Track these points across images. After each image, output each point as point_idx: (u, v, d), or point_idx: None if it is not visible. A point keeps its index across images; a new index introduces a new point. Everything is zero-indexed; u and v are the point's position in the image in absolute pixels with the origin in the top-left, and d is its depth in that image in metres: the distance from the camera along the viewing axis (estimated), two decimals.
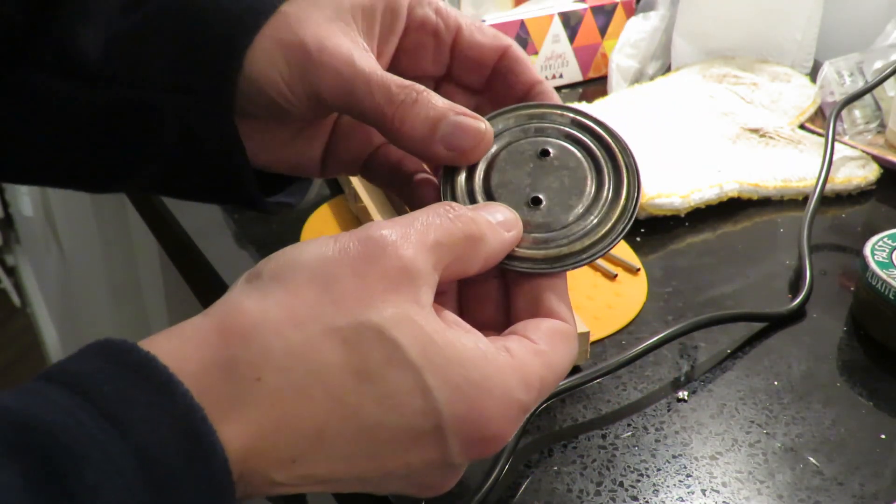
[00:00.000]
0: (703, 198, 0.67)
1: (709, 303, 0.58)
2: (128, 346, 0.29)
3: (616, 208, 0.39)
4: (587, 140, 0.40)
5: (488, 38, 0.42)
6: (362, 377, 0.31)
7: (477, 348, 0.33)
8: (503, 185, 0.39)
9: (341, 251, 0.33)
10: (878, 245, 0.56)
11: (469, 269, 0.36)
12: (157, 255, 0.94)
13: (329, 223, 0.65)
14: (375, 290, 0.32)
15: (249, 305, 0.31)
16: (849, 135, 0.78)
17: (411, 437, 0.32)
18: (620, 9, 0.91)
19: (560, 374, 0.36)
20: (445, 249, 0.34)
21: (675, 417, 0.49)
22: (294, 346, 0.31)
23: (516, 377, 0.33)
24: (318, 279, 0.32)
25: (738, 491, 0.44)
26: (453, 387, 0.32)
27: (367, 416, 0.31)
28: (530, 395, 0.34)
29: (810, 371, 0.52)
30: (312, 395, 0.31)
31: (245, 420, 0.30)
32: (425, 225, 0.34)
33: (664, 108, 0.80)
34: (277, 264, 0.33)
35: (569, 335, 0.37)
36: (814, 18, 0.88)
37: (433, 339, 0.32)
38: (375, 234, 0.33)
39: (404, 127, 0.38)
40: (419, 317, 0.32)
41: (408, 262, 0.33)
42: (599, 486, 0.44)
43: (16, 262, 2.64)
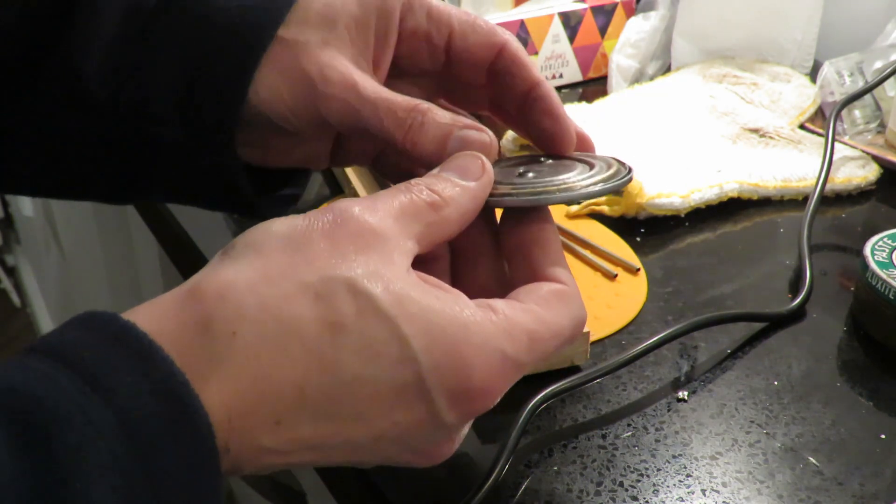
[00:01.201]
0: (703, 198, 0.67)
1: (709, 303, 0.58)
2: (108, 316, 0.30)
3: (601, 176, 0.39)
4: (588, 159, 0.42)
5: (482, 38, 0.42)
6: (337, 329, 0.31)
7: (455, 302, 0.33)
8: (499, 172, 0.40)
9: (312, 221, 0.33)
10: (878, 245, 0.56)
11: (446, 232, 0.36)
12: (157, 255, 0.94)
13: None
14: (347, 251, 0.32)
15: (222, 270, 0.32)
16: (849, 135, 0.78)
17: (394, 391, 0.32)
18: (620, 9, 0.91)
19: (557, 333, 0.35)
20: (411, 218, 0.34)
21: (675, 417, 0.49)
22: (268, 301, 0.31)
23: (497, 328, 0.33)
24: (290, 244, 0.32)
25: (738, 491, 0.44)
26: (429, 335, 0.32)
27: (345, 368, 0.31)
28: (516, 347, 0.33)
29: (810, 371, 0.52)
30: (289, 349, 0.31)
31: (224, 376, 0.30)
32: (388, 197, 0.35)
33: (664, 108, 0.80)
34: (250, 236, 0.33)
35: (566, 295, 0.36)
36: (814, 18, 0.88)
37: (407, 291, 0.32)
38: (343, 206, 0.34)
39: (416, 148, 0.39)
40: (391, 272, 0.32)
41: (376, 226, 0.33)
42: (599, 486, 0.44)
43: (16, 262, 2.64)
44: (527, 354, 0.34)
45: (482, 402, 0.33)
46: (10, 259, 2.67)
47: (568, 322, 0.36)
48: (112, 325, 0.30)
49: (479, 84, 0.44)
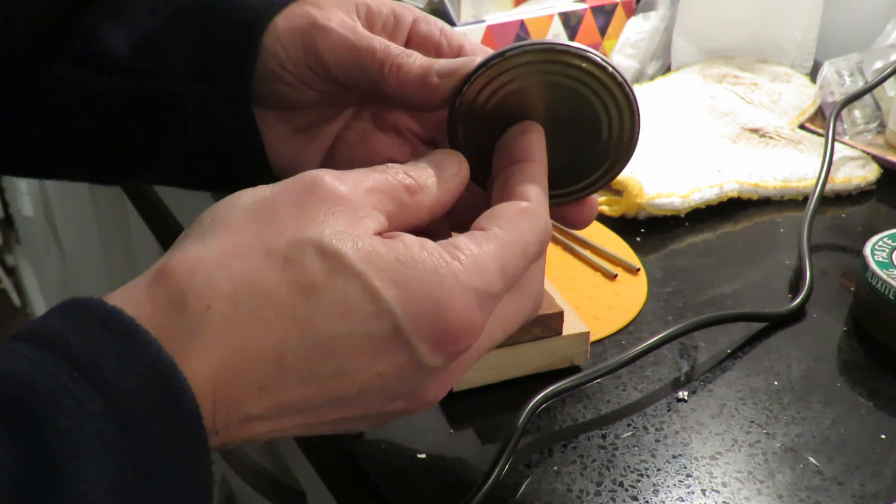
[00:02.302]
0: (703, 198, 0.67)
1: (709, 303, 0.58)
2: (94, 302, 0.30)
3: None
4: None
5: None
6: (309, 291, 0.31)
7: (423, 247, 0.33)
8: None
9: (279, 190, 0.34)
10: (878, 245, 0.56)
11: (417, 217, 0.36)
12: (157, 256, 0.94)
13: None
14: (315, 214, 0.33)
15: (189, 247, 0.32)
16: (849, 135, 0.78)
17: (372, 344, 0.32)
18: (620, 9, 0.91)
19: (524, 251, 0.35)
20: (383, 195, 0.35)
21: (675, 417, 0.49)
22: (238, 272, 0.31)
23: (466, 265, 0.33)
24: (255, 214, 0.33)
25: (738, 491, 0.44)
26: (401, 285, 0.32)
27: (321, 328, 0.31)
28: (487, 280, 0.34)
29: (810, 371, 0.52)
30: (264, 316, 0.31)
31: (203, 350, 0.30)
32: (362, 173, 0.35)
33: (664, 108, 0.80)
34: (217, 210, 0.34)
35: (528, 211, 0.36)
36: (814, 18, 0.88)
37: (374, 246, 0.32)
38: (314, 174, 0.34)
39: (401, 72, 0.40)
40: (358, 231, 0.33)
41: (346, 194, 0.33)
42: (599, 486, 0.44)
43: (16, 262, 2.64)
44: (500, 282, 0.34)
45: (464, 339, 0.33)
46: (10, 259, 2.67)
47: (533, 237, 0.36)
48: (97, 311, 0.30)
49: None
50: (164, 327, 0.30)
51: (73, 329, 0.29)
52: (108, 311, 0.30)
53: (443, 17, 0.82)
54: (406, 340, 0.32)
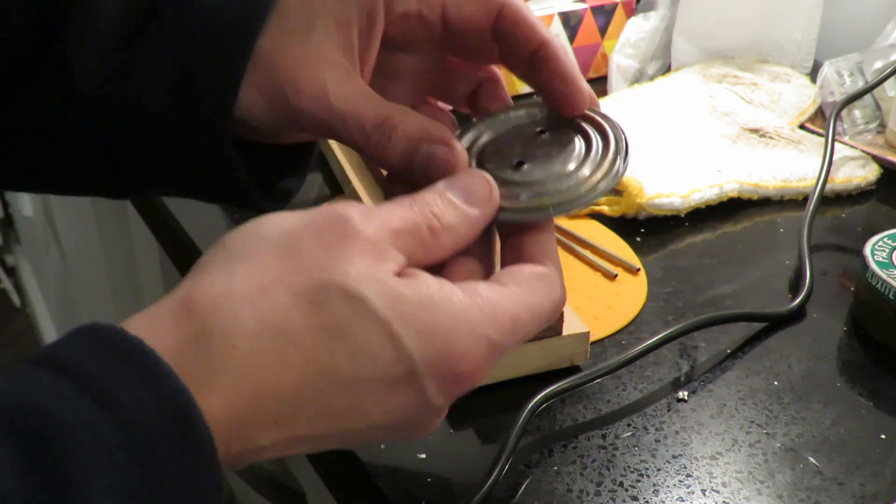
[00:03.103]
0: (703, 198, 0.67)
1: (709, 303, 0.58)
2: (114, 330, 0.30)
3: (598, 173, 0.39)
4: (587, 128, 0.41)
5: (476, 5, 0.40)
6: (333, 335, 0.32)
7: (442, 290, 0.33)
8: (495, 153, 0.40)
9: (305, 224, 0.33)
10: (878, 245, 0.56)
11: (436, 256, 0.36)
12: (157, 255, 0.94)
13: None
14: (340, 256, 0.33)
15: (216, 278, 0.32)
16: (849, 135, 0.78)
17: (388, 385, 0.33)
18: (620, 9, 0.91)
19: (538, 315, 0.36)
20: (407, 235, 0.35)
21: (675, 417, 0.49)
22: (263, 311, 0.31)
23: (483, 314, 0.34)
24: (282, 249, 0.33)
25: (738, 491, 0.44)
26: (421, 331, 0.32)
27: (342, 371, 0.32)
28: (500, 331, 0.34)
29: (810, 371, 0.52)
30: (286, 357, 0.31)
31: (224, 388, 0.30)
32: (388, 210, 0.35)
33: (664, 108, 0.80)
34: (241, 237, 0.34)
35: (546, 277, 0.37)
36: (814, 18, 0.88)
37: (398, 289, 0.33)
38: (340, 210, 0.34)
39: (383, 161, 0.39)
40: (382, 274, 0.33)
41: (371, 235, 0.33)
42: (599, 486, 0.44)
43: (16, 262, 2.64)
44: (510, 337, 0.35)
45: (469, 383, 0.34)
46: (10, 259, 2.67)
47: (548, 303, 0.36)
48: (118, 340, 0.30)
49: (485, 47, 0.42)
50: (186, 362, 0.30)
51: (93, 358, 0.29)
52: (129, 340, 0.30)
53: None
54: (419, 382, 0.33)
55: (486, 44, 0.41)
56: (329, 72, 0.38)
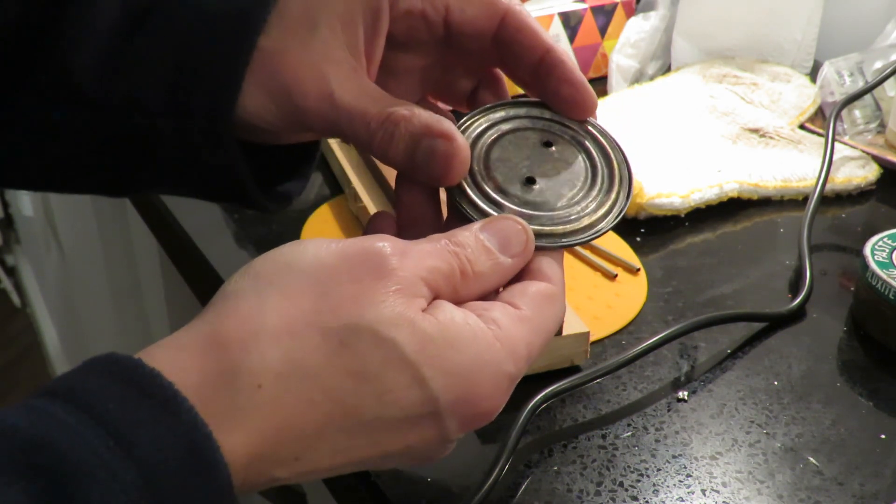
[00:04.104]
0: (703, 198, 0.67)
1: (709, 303, 0.58)
2: (133, 363, 0.30)
3: (605, 206, 0.40)
4: (590, 145, 0.41)
5: (480, 9, 0.40)
6: (360, 378, 0.32)
7: (467, 326, 0.34)
8: (502, 161, 0.40)
9: (340, 257, 0.33)
10: (878, 245, 0.56)
11: (465, 298, 0.36)
12: (157, 255, 0.94)
13: (329, 223, 0.65)
14: (373, 297, 0.33)
15: (246, 312, 0.32)
16: (849, 135, 0.78)
17: (410, 423, 0.33)
18: (620, 9, 0.91)
19: (546, 337, 0.36)
20: (439, 277, 0.35)
21: (675, 417, 0.49)
22: (292, 352, 0.31)
23: (505, 351, 0.34)
24: (315, 285, 0.32)
25: (738, 491, 0.44)
26: (448, 373, 0.33)
27: (366, 412, 0.32)
28: (519, 366, 0.35)
29: (810, 371, 0.52)
30: (312, 399, 0.31)
31: (248, 428, 0.30)
32: (424, 251, 0.35)
33: (664, 108, 0.80)
34: (275, 266, 0.33)
35: (554, 296, 0.37)
36: (814, 18, 0.88)
37: (427, 331, 0.33)
38: (376, 245, 0.34)
39: (386, 157, 0.38)
40: (413, 315, 0.33)
41: (406, 276, 0.33)
42: (599, 486, 0.44)
43: (16, 262, 2.64)
44: (525, 366, 0.35)
45: (487, 418, 0.35)
46: (10, 259, 2.67)
47: (554, 323, 0.37)
48: (136, 374, 0.30)
49: (486, 50, 0.41)
50: (210, 399, 0.30)
51: (110, 393, 0.29)
52: (146, 374, 0.30)
53: None
54: (441, 420, 0.33)
55: (487, 47, 0.41)
56: (333, 70, 0.38)
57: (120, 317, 1.30)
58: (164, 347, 0.31)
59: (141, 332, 1.20)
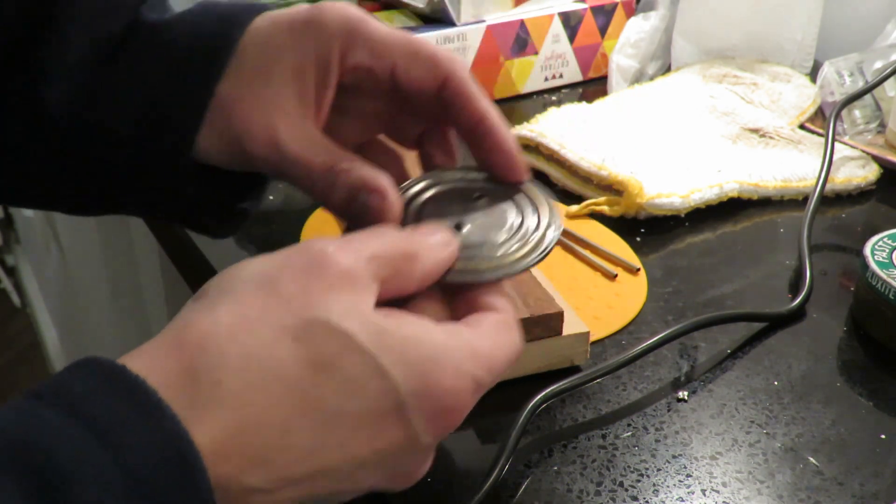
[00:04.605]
0: (703, 198, 0.67)
1: (709, 303, 0.58)
2: (118, 368, 0.30)
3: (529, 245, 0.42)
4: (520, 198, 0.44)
5: (423, 71, 0.41)
6: (319, 368, 0.32)
7: (425, 327, 0.35)
8: (434, 213, 0.43)
9: (282, 262, 0.34)
10: (878, 245, 0.56)
11: (408, 286, 0.37)
12: (157, 255, 0.94)
13: (329, 223, 0.65)
14: (319, 292, 0.33)
15: (200, 317, 0.33)
16: (849, 135, 0.78)
17: (376, 420, 0.33)
18: (620, 9, 0.91)
19: (508, 359, 0.37)
20: (382, 262, 0.36)
21: (675, 417, 0.49)
22: (248, 347, 0.32)
23: (466, 352, 0.35)
24: (262, 287, 0.34)
25: (738, 491, 0.44)
26: (407, 364, 0.33)
27: (329, 404, 0.32)
28: (480, 370, 0.35)
29: (810, 371, 0.52)
30: (273, 391, 0.32)
31: (211, 424, 0.30)
32: (362, 240, 0.36)
33: (664, 108, 0.80)
34: (221, 280, 0.35)
35: (510, 324, 0.38)
36: (814, 18, 0.88)
37: (381, 324, 0.33)
38: (315, 246, 0.35)
39: (327, 204, 0.41)
40: (364, 308, 0.34)
41: (347, 268, 0.34)
42: (599, 486, 0.44)
43: (16, 262, 2.64)
44: (487, 376, 0.36)
45: (454, 419, 0.35)
46: (10, 259, 2.67)
47: (515, 350, 0.38)
48: (122, 378, 0.30)
49: (430, 106, 0.43)
50: (172, 399, 0.30)
51: (97, 396, 0.30)
52: (132, 380, 0.30)
53: (443, 16, 0.82)
54: (406, 417, 0.33)
55: (431, 104, 0.43)
56: (282, 121, 0.41)
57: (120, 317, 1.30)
58: (132, 356, 0.32)
59: (141, 332, 1.20)
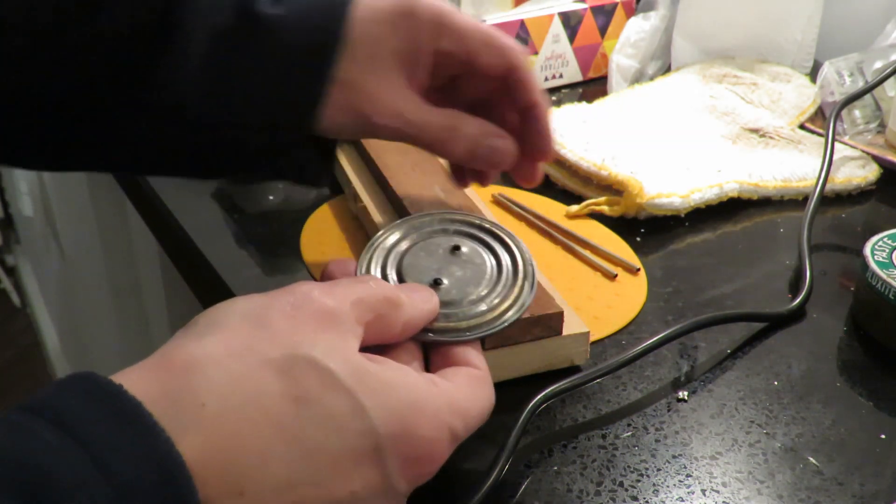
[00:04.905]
0: (703, 198, 0.67)
1: (709, 303, 0.58)
2: (114, 389, 0.31)
3: (509, 299, 0.45)
4: (496, 246, 0.48)
5: (496, 59, 0.49)
6: (300, 402, 0.33)
7: (407, 375, 0.36)
8: (413, 267, 0.46)
9: (270, 300, 0.36)
10: (878, 245, 0.56)
11: (390, 331, 0.39)
12: (157, 255, 0.94)
13: (329, 223, 0.65)
14: (305, 329, 0.35)
15: (187, 343, 0.34)
16: (849, 135, 0.78)
17: (352, 460, 0.33)
18: (620, 9, 0.91)
19: (481, 413, 0.39)
20: (366, 306, 0.37)
21: (675, 417, 0.49)
22: (233, 374, 0.33)
23: (443, 400, 0.36)
24: (250, 321, 0.35)
25: (738, 491, 0.44)
26: (387, 408, 0.34)
27: (308, 439, 0.33)
28: (457, 421, 0.36)
29: (810, 371, 0.52)
30: (254, 420, 0.32)
31: (192, 444, 0.31)
32: (347, 285, 0.38)
33: (664, 108, 0.80)
34: (211, 314, 0.36)
35: (484, 379, 0.40)
36: (814, 18, 0.88)
37: (364, 366, 0.35)
38: (302, 287, 0.37)
39: (453, 156, 0.50)
40: (348, 349, 0.35)
41: (332, 308, 0.36)
42: (599, 486, 0.44)
43: (16, 262, 2.64)
44: (462, 427, 0.37)
45: (429, 467, 0.36)
46: (10, 259, 2.67)
47: (488, 404, 0.40)
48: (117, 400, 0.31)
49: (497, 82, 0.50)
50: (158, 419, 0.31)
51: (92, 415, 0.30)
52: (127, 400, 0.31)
53: None
54: (382, 460, 0.34)
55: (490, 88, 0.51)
56: (398, 94, 0.48)
57: (120, 317, 1.30)
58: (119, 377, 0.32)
59: (141, 332, 1.20)
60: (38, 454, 0.28)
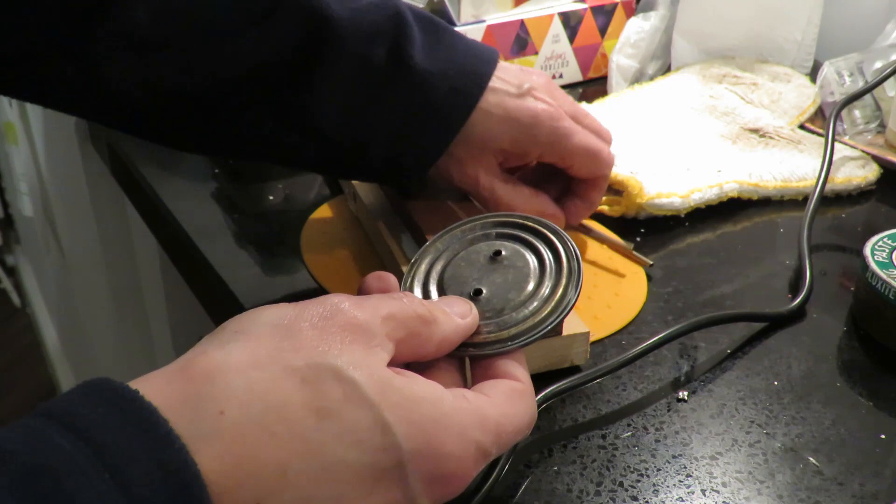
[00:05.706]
0: (703, 198, 0.67)
1: (709, 303, 0.58)
2: (130, 395, 0.31)
3: (552, 302, 0.43)
4: (539, 244, 0.45)
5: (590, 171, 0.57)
6: (322, 414, 0.32)
7: (434, 390, 0.35)
8: (454, 279, 0.44)
9: (300, 310, 0.35)
10: (878, 245, 0.56)
11: (424, 349, 0.38)
12: (157, 255, 0.94)
13: (329, 223, 0.65)
14: (333, 340, 0.34)
15: (211, 350, 0.33)
16: (849, 135, 0.78)
17: (374, 476, 0.33)
18: (620, 9, 0.91)
19: (518, 428, 0.37)
20: (398, 322, 0.36)
21: (675, 417, 0.49)
22: (255, 383, 0.32)
23: (472, 418, 0.35)
24: (278, 330, 0.34)
25: (738, 491, 0.44)
26: (411, 423, 0.33)
27: (329, 452, 0.32)
28: (486, 438, 0.35)
29: (810, 371, 0.52)
30: (274, 431, 0.31)
31: (209, 454, 0.30)
32: (380, 300, 0.37)
33: (664, 108, 0.80)
34: (239, 321, 0.35)
35: (525, 392, 0.39)
36: (814, 18, 0.88)
37: (389, 380, 0.34)
38: (333, 299, 0.36)
39: None
40: (375, 362, 0.34)
41: (362, 321, 0.35)
42: (599, 486, 0.44)
43: (16, 262, 2.64)
44: (493, 445, 0.36)
45: (454, 487, 0.34)
46: (10, 259, 2.67)
47: (527, 419, 0.38)
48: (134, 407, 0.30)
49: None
50: (176, 427, 0.30)
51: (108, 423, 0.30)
52: (144, 408, 0.30)
53: (443, 17, 0.82)
54: (405, 477, 0.33)
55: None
56: (484, 171, 0.55)
57: (120, 317, 1.30)
58: (136, 382, 0.32)
59: (141, 332, 1.20)
60: (52, 461, 0.28)
